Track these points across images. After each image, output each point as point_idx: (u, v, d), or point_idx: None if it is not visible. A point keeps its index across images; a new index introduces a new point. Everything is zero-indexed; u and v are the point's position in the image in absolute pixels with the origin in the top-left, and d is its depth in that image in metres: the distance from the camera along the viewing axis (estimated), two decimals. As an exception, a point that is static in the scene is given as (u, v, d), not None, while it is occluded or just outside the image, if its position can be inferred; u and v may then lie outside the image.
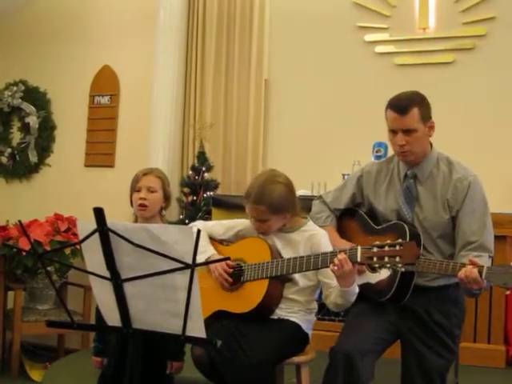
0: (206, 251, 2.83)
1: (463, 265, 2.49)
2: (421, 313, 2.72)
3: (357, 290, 2.63)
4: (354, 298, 2.64)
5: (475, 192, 2.70)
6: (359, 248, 2.49)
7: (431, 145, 2.81)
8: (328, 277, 2.68)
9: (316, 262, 2.62)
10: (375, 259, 2.43)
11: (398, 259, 2.38)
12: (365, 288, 2.74)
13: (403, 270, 2.47)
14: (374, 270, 2.59)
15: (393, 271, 2.58)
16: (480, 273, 2.42)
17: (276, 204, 2.72)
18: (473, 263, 2.46)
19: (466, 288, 2.52)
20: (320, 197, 3.12)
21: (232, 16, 5.29)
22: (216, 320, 2.72)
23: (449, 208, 2.71)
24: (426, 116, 2.71)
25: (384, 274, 2.61)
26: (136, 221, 3.03)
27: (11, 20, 6.09)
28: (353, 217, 2.99)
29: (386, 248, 2.41)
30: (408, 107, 2.67)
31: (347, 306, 2.71)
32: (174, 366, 2.91)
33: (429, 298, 2.72)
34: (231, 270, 2.79)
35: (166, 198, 3.04)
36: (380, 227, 2.83)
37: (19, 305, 4.82)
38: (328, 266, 2.56)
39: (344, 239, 2.91)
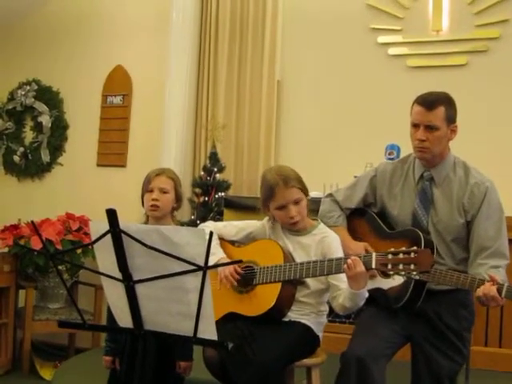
0: (215, 253, 2.80)
1: (482, 281, 2.46)
2: (431, 315, 2.72)
3: (366, 294, 2.59)
4: (362, 303, 2.60)
5: (492, 198, 2.70)
6: (374, 254, 2.46)
7: (449, 149, 2.80)
8: (337, 279, 2.67)
9: (330, 267, 2.58)
10: (390, 266, 2.40)
11: (412, 267, 2.35)
12: (377, 294, 2.72)
13: (417, 277, 2.45)
14: (385, 275, 2.57)
15: (407, 278, 2.56)
16: (499, 291, 2.40)
17: (299, 177, 2.79)
18: (492, 280, 2.44)
19: (483, 304, 2.50)
20: (330, 194, 3.09)
21: (245, 17, 5.29)
22: (228, 322, 2.71)
23: (464, 212, 2.71)
24: (450, 118, 2.71)
25: (397, 280, 2.59)
26: (147, 221, 3.04)
27: (25, 20, 6.11)
28: (362, 217, 2.96)
29: (401, 255, 2.38)
30: (435, 103, 2.67)
31: (353, 310, 2.69)
32: (181, 366, 2.91)
33: (439, 301, 2.71)
34: (238, 276, 2.76)
35: (178, 198, 3.05)
36: (393, 232, 2.81)
37: (30, 303, 4.83)
38: (342, 272, 2.55)
39: (354, 239, 2.89)
